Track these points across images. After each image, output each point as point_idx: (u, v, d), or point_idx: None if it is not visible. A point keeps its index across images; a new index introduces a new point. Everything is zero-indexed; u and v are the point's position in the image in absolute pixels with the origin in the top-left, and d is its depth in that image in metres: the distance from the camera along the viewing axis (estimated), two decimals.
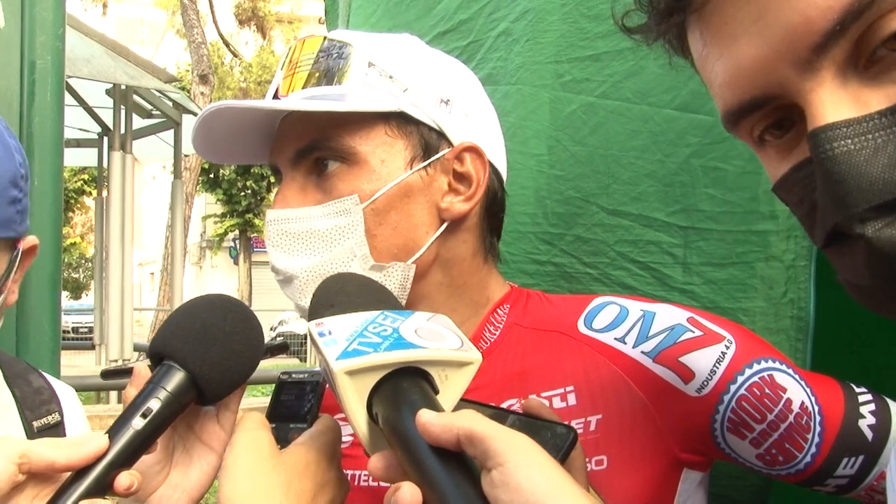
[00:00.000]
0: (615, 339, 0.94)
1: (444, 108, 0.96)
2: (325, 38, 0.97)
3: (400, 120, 0.95)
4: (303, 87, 0.95)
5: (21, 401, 1.20)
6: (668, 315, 0.94)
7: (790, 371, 0.91)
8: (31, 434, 1.18)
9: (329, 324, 0.72)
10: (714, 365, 0.89)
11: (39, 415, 1.21)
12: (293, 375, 0.93)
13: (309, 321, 0.75)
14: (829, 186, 0.52)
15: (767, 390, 0.89)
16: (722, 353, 0.89)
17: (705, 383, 0.89)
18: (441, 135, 0.97)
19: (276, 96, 0.97)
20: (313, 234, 0.94)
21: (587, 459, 0.87)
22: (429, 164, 0.96)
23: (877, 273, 0.52)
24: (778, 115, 0.57)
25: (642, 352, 0.92)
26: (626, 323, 0.95)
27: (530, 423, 0.80)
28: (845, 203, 0.51)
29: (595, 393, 0.92)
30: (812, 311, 1.18)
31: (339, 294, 0.80)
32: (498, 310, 1.02)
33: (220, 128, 0.99)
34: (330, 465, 0.79)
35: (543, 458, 0.60)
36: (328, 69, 0.94)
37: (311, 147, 0.94)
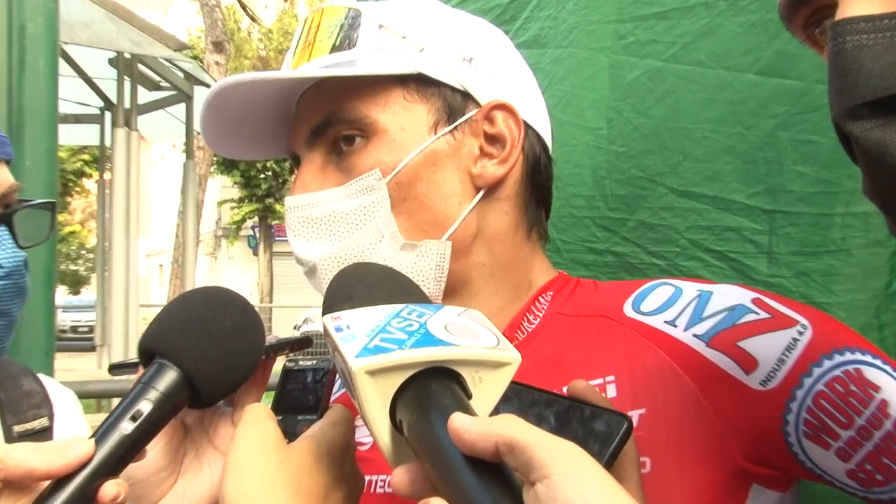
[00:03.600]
0: (665, 322, 0.93)
1: (467, 66, 0.98)
2: (338, 8, 0.99)
3: (418, 82, 0.97)
4: (309, 60, 0.98)
5: (4, 404, 1.25)
6: (729, 294, 0.92)
7: (886, 367, 0.86)
8: (10, 439, 1.22)
9: (347, 318, 0.71)
10: (783, 353, 0.85)
11: (24, 419, 1.26)
12: (300, 363, 0.94)
13: (324, 315, 0.75)
14: (833, 81, 0.57)
15: (854, 387, 0.84)
16: (794, 339, 0.86)
17: (772, 374, 0.85)
18: (466, 95, 0.98)
19: None
20: (336, 217, 0.96)
21: None
22: (455, 127, 0.97)
23: (868, 175, 0.58)
24: (825, 14, 0.62)
25: (694, 335, 0.90)
26: (678, 304, 0.94)
27: (572, 408, 0.79)
28: (841, 97, 0.56)
29: (639, 383, 0.90)
30: None
31: (358, 285, 0.80)
32: (540, 297, 1.02)
33: (230, 116, 1.01)
34: (343, 460, 0.80)
35: (596, 470, 0.59)
36: (340, 39, 0.97)
37: (326, 123, 0.97)
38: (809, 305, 0.93)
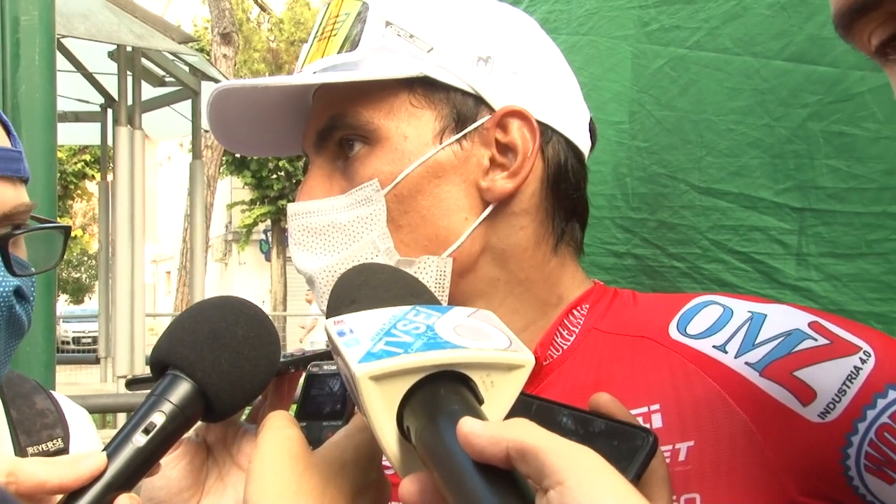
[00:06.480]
0: (714, 346, 0.93)
1: (482, 67, 0.98)
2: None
3: (426, 86, 0.97)
4: (322, 57, 1.00)
5: (17, 423, 1.27)
6: (784, 318, 0.93)
7: None
8: None
9: (350, 321, 0.73)
10: (844, 383, 0.86)
11: (38, 440, 1.28)
12: (324, 367, 0.95)
13: (327, 319, 0.76)
14: None
15: None
16: (855, 367, 0.87)
17: (831, 406, 0.86)
18: (479, 100, 0.98)
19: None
20: (335, 228, 0.98)
21: (674, 498, 0.85)
22: (463, 136, 0.98)
23: None
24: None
25: (746, 363, 0.90)
26: (728, 327, 0.94)
27: (593, 423, 0.80)
28: None
29: (686, 413, 0.91)
30: None
31: (363, 288, 0.81)
32: (574, 311, 1.02)
33: (238, 113, 1.04)
34: (370, 467, 0.81)
35: (613, 477, 0.59)
36: (348, 35, 0.99)
37: (330, 126, 0.99)
38: (871, 328, 0.93)
